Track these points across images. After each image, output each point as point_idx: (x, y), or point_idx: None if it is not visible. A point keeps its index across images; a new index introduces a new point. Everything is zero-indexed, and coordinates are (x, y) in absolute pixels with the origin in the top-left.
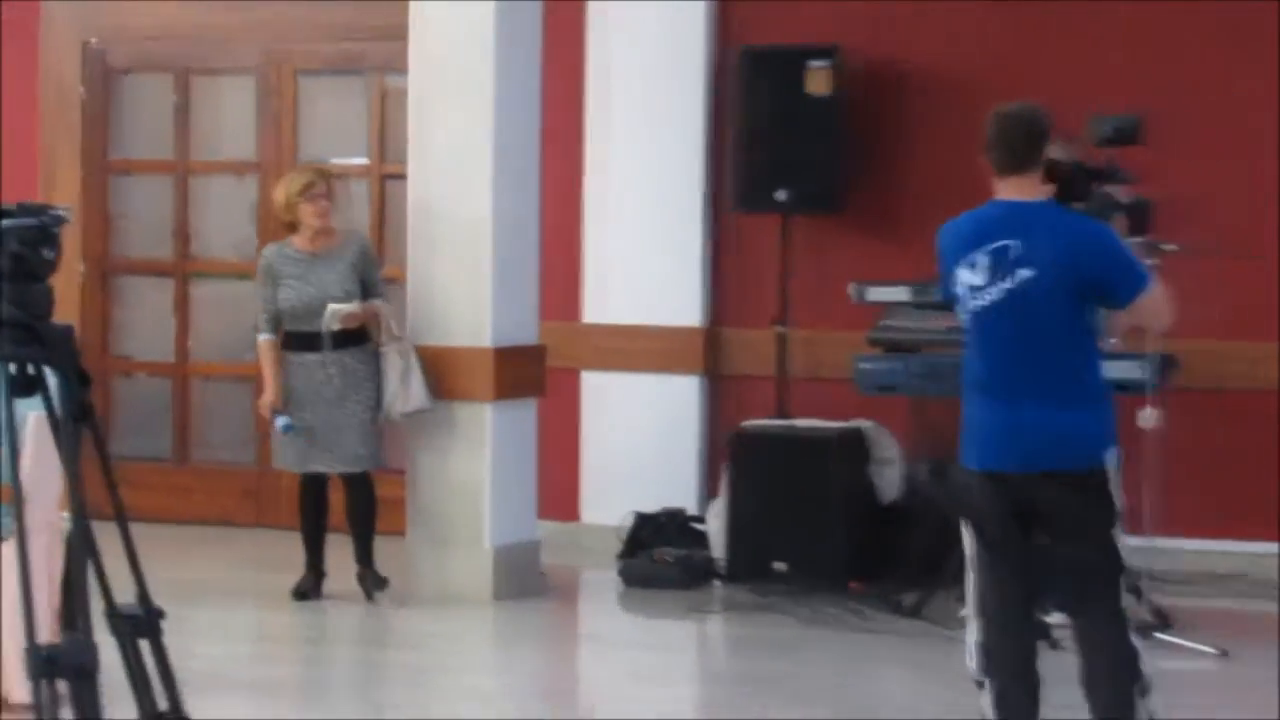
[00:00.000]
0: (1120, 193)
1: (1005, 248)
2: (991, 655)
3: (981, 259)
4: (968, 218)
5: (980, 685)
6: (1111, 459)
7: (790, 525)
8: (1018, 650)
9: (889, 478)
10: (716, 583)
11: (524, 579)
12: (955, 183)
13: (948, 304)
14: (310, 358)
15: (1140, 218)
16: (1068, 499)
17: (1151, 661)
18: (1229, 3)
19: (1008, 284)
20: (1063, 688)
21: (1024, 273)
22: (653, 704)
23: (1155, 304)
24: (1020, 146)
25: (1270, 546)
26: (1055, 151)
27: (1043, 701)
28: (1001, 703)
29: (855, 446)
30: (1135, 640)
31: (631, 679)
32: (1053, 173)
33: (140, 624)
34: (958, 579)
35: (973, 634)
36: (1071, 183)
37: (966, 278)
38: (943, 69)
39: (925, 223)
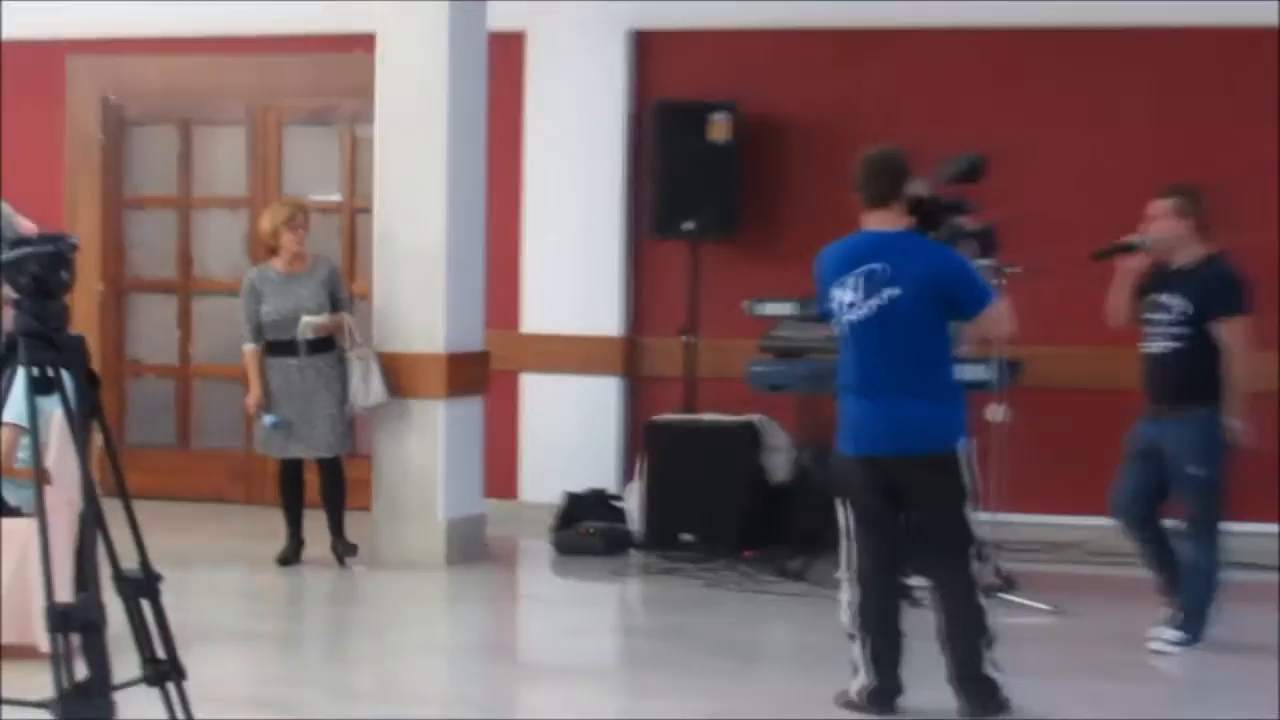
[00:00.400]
0: (968, 222)
1: (874, 270)
2: (863, 613)
3: (854, 280)
4: (841, 245)
5: (853, 638)
6: (963, 445)
7: (696, 502)
8: (885, 608)
9: (778, 462)
10: (634, 551)
11: (471, 547)
12: (830, 214)
13: (824, 318)
14: (288, 361)
15: (985, 243)
16: (927, 478)
17: (996, 618)
18: (1049, 63)
19: (877, 301)
20: (924, 641)
21: (891, 291)
22: (581, 652)
23: (998, 316)
24: (884, 184)
25: (1100, 520)
26: (915, 188)
27: (905, 651)
28: (872, 654)
29: (750, 436)
30: (982, 600)
31: (563, 632)
32: (912, 206)
33: (141, 586)
34: (835, 547)
35: (846, 595)
36: (927, 215)
37: (841, 295)
38: (820, 120)
39: (807, 248)
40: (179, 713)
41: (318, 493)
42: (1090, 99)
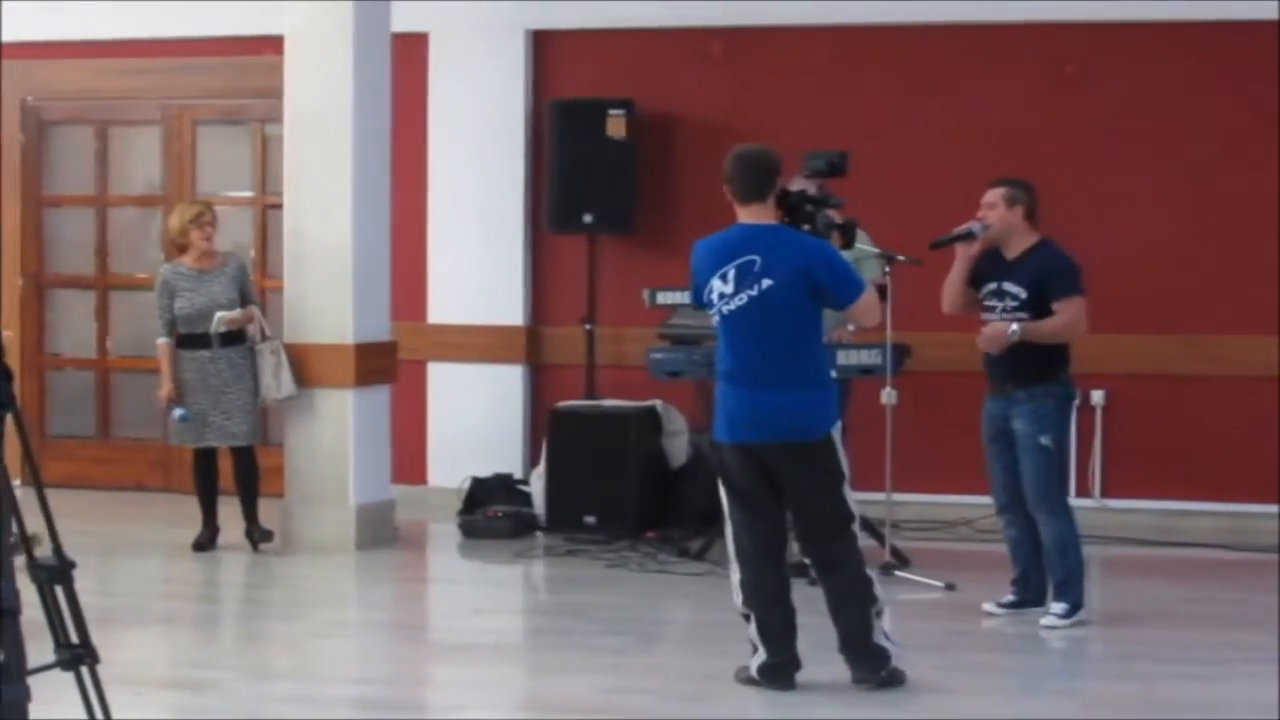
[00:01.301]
0: (834, 215)
1: (751, 262)
2: (752, 591)
3: (730, 271)
4: (717, 238)
5: (746, 617)
6: (836, 431)
7: (598, 485)
8: (772, 586)
9: (677, 446)
10: (538, 533)
11: (380, 531)
12: (723, 208)
13: (699, 308)
14: (202, 354)
15: (849, 235)
16: (800, 465)
17: (883, 587)
18: (907, 63)
19: (753, 291)
20: (822, 617)
21: (766, 282)
22: (488, 631)
23: (867, 307)
24: (755, 180)
25: (984, 499)
26: (794, 184)
27: (796, 626)
28: (764, 630)
29: (650, 421)
30: (868, 571)
31: (469, 612)
32: (782, 201)
33: (55, 573)
34: None
35: (735, 574)
36: (796, 209)
37: (718, 287)
38: (714, 116)
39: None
40: (93, 696)
41: (232, 480)
42: (968, 94)
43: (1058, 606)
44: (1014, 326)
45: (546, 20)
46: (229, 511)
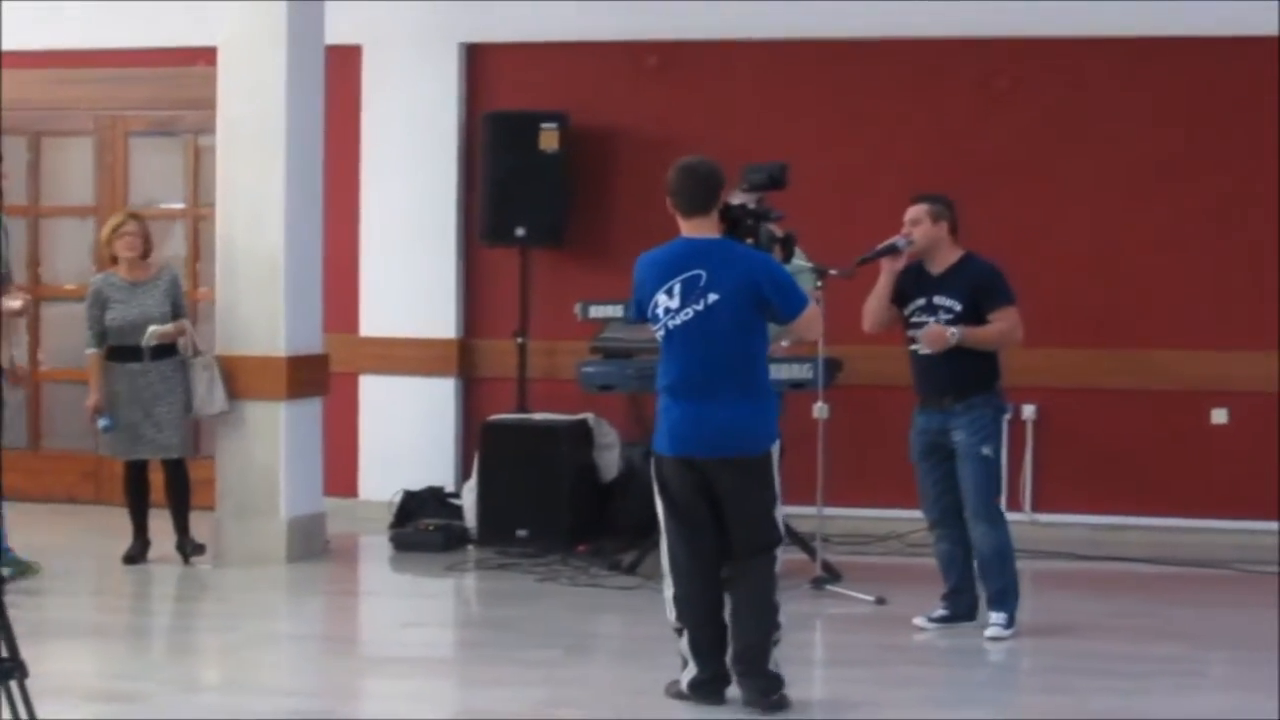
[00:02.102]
0: (775, 229)
1: (696, 276)
2: (685, 606)
3: (676, 285)
4: (661, 251)
5: (679, 632)
6: (775, 448)
7: (529, 499)
8: (705, 601)
9: (609, 460)
10: (470, 546)
11: (312, 544)
12: (655, 221)
13: (642, 322)
14: (134, 366)
15: (789, 249)
16: (740, 480)
17: (812, 603)
18: (840, 77)
19: (699, 306)
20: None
21: (712, 296)
22: (419, 644)
23: (811, 320)
24: (701, 193)
25: (915, 512)
26: (734, 197)
27: (728, 641)
28: (695, 645)
29: (582, 434)
30: (778, 599)
31: (400, 625)
32: (724, 214)
33: None
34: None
35: (668, 588)
36: (738, 222)
37: (664, 301)
38: (646, 130)
39: (633, 254)
40: (21, 709)
41: (163, 493)
42: (900, 108)
43: (999, 616)
44: (953, 329)
45: (480, 33)
46: (160, 524)
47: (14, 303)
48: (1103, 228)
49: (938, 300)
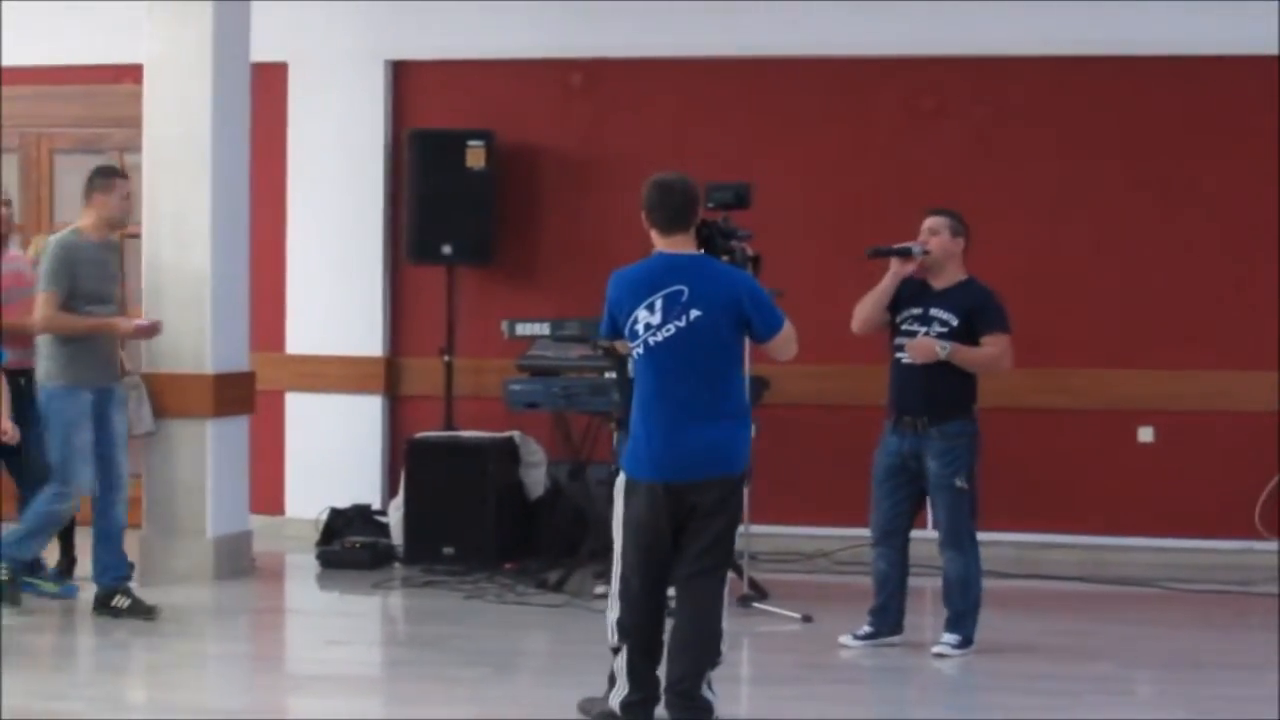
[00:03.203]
0: (746, 247)
1: (679, 292)
2: (627, 631)
3: (658, 301)
4: (638, 268)
5: (615, 651)
6: (747, 466)
7: (456, 517)
8: (648, 625)
9: (535, 477)
10: (396, 564)
11: (238, 562)
12: (582, 239)
13: (607, 337)
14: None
15: (758, 268)
16: (715, 501)
17: (736, 622)
18: (766, 95)
19: (681, 322)
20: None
21: (694, 313)
22: (345, 662)
23: (787, 339)
24: (681, 209)
25: (848, 530)
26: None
27: (661, 659)
28: (632, 668)
29: (508, 452)
30: (724, 625)
31: (326, 643)
32: (697, 233)
33: None
34: (594, 558)
35: (613, 612)
36: (712, 240)
37: (644, 317)
38: (572, 148)
39: (560, 271)
40: None
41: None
42: (825, 127)
43: (951, 637)
44: (944, 344)
45: (406, 51)
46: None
47: (133, 322)
48: (1026, 248)
49: (934, 312)
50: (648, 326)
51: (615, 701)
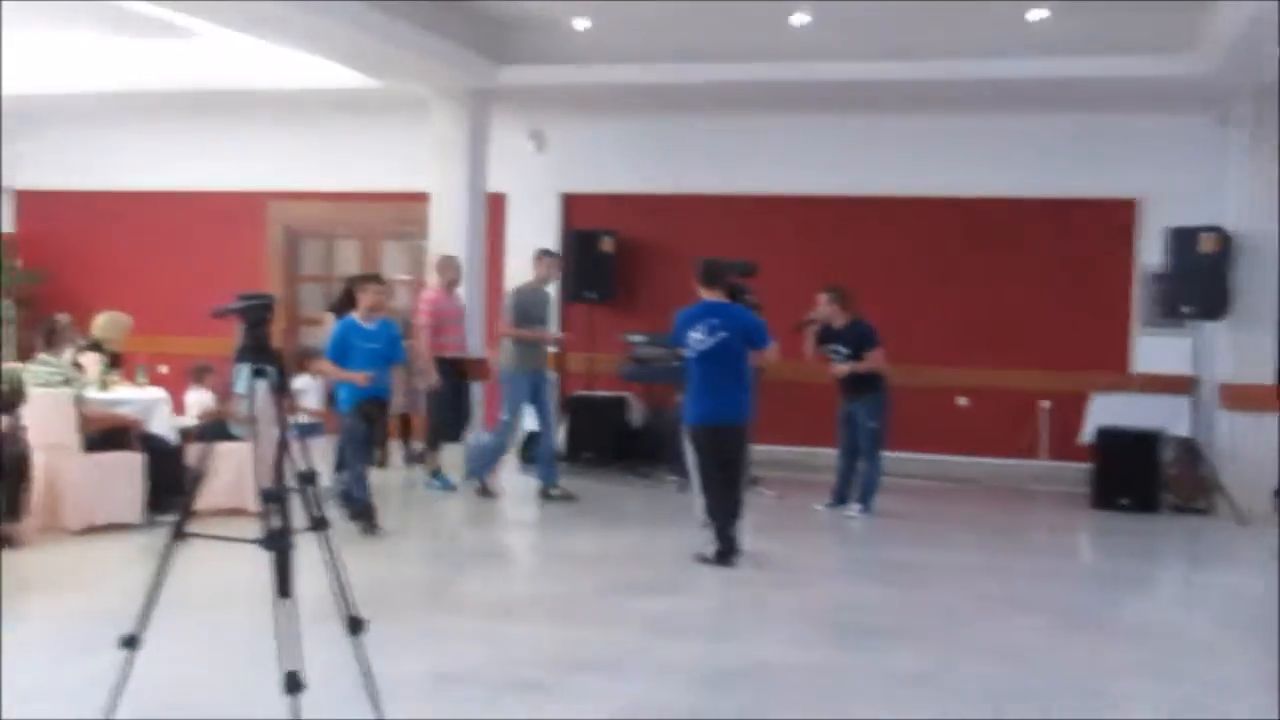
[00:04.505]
0: (751, 298)
1: (714, 323)
2: (710, 511)
3: (702, 327)
4: (692, 309)
5: (705, 524)
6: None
7: (597, 435)
8: (724, 505)
9: (636, 416)
10: (562, 461)
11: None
12: (660, 291)
13: (676, 345)
14: None
15: (756, 310)
16: (739, 436)
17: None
18: (776, 220)
19: (715, 339)
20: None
21: (722, 334)
22: (549, 511)
23: (772, 350)
24: (713, 275)
25: (820, 449)
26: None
27: (739, 527)
28: (718, 533)
29: (622, 402)
30: (743, 495)
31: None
32: (728, 289)
33: None
34: (669, 462)
35: (699, 501)
36: (735, 294)
37: (695, 336)
38: (656, 242)
39: (650, 308)
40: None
41: None
42: (807, 243)
43: (857, 506)
44: (843, 366)
45: (570, 187)
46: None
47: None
48: (911, 296)
49: (836, 346)
50: (697, 340)
51: (711, 552)
